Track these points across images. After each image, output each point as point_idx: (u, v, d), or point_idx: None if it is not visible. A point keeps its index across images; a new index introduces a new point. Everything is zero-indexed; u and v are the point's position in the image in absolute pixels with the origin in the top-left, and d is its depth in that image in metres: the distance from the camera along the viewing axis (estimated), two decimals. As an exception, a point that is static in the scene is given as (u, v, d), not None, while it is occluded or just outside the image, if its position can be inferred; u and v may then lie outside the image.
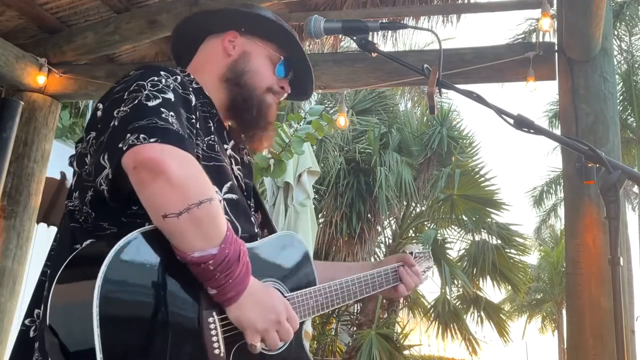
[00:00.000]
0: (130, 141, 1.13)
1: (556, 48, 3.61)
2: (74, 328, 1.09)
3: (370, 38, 1.50)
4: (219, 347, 1.18)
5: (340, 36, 4.74)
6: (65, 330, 1.08)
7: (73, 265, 1.14)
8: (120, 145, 1.14)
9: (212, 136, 1.39)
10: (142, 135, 1.14)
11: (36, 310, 1.28)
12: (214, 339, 1.18)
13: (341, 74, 3.99)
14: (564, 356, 18.60)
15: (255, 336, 1.20)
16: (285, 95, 1.61)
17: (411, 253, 1.84)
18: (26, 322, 1.29)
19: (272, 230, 1.54)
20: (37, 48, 4.27)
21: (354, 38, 1.48)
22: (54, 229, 3.79)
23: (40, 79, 4.18)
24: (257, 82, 1.51)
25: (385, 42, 5.69)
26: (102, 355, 1.01)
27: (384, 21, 1.64)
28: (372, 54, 1.48)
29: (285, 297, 1.35)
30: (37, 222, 4.45)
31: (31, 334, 1.27)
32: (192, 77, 1.46)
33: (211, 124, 1.41)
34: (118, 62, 4.74)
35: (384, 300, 10.18)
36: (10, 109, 4.01)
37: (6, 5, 3.96)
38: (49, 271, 1.29)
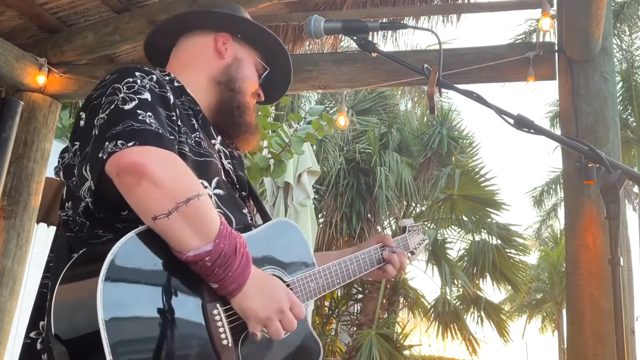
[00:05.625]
0: (109, 149, 1.14)
1: (556, 48, 3.61)
2: (79, 333, 1.09)
3: (370, 38, 1.51)
4: (226, 338, 1.19)
5: (340, 36, 4.74)
6: (72, 337, 1.09)
7: (72, 272, 1.14)
8: (100, 155, 1.15)
9: (198, 133, 1.39)
10: (119, 142, 1.14)
11: (41, 323, 1.26)
12: (220, 330, 1.19)
13: (341, 74, 3.99)
14: (564, 356, 18.60)
15: (257, 325, 1.21)
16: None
17: (404, 227, 1.85)
18: (31, 335, 1.27)
19: (267, 220, 1.54)
20: (37, 48, 4.26)
21: (354, 38, 1.49)
22: (54, 229, 3.79)
23: (40, 79, 4.18)
24: (247, 89, 1.55)
25: (385, 42, 5.70)
26: (112, 357, 1.02)
27: (384, 21, 1.63)
28: (372, 54, 1.48)
29: (286, 282, 1.37)
30: (37, 222, 4.45)
31: (38, 346, 1.25)
32: (172, 76, 1.46)
33: (194, 122, 1.41)
34: (118, 62, 4.74)
35: (384, 300, 10.18)
36: (10, 109, 4.00)
37: (6, 5, 3.96)
38: (49, 283, 1.27)
